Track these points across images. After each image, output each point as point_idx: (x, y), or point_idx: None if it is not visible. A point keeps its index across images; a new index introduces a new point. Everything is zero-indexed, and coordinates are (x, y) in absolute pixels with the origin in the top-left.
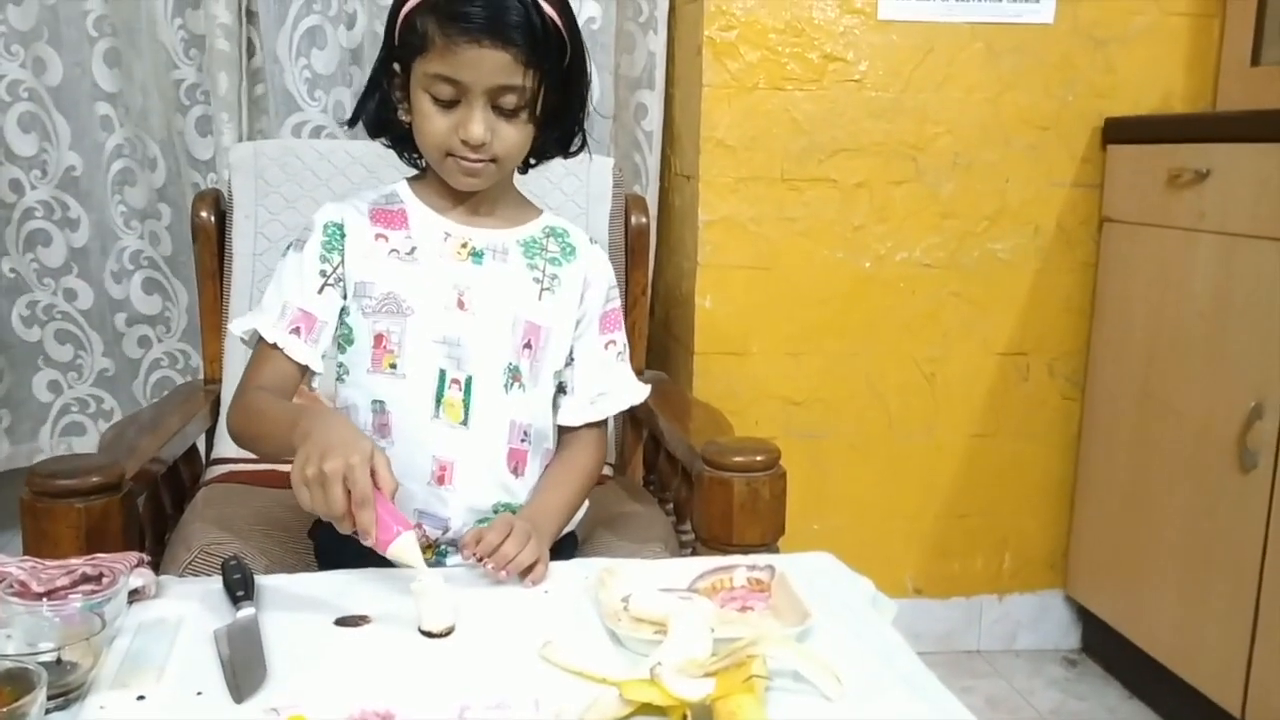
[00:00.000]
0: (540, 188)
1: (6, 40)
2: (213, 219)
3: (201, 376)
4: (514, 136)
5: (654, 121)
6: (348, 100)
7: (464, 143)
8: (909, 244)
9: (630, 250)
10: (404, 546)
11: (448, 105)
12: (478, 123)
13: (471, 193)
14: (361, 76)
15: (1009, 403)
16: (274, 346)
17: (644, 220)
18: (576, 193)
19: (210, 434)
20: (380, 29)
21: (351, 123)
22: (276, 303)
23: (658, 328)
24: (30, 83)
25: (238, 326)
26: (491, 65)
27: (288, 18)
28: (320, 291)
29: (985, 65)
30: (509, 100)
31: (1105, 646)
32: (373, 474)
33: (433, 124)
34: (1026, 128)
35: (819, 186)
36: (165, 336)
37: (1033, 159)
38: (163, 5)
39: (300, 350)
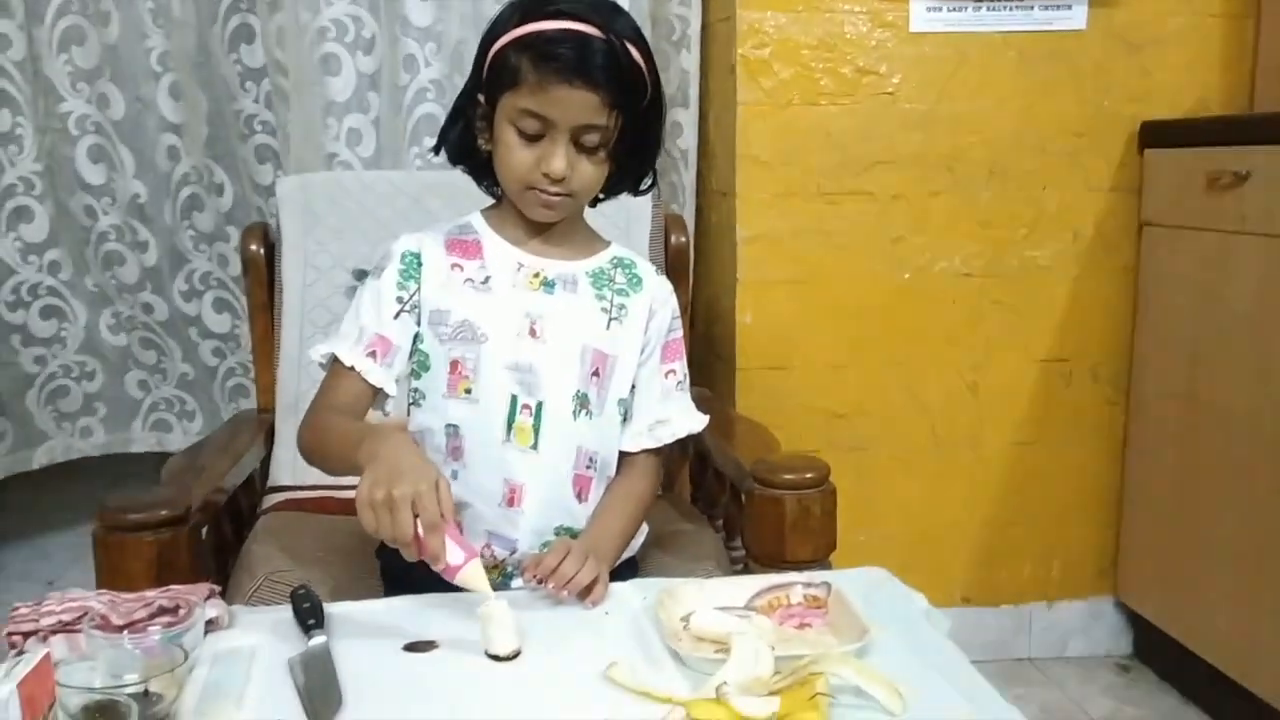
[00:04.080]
0: None
1: (73, 78)
2: (262, 251)
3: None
4: (592, 173)
5: (689, 140)
6: (363, 127)
7: (545, 176)
8: (948, 254)
9: (670, 269)
10: (472, 573)
11: (532, 139)
12: (560, 158)
13: (545, 225)
14: (379, 103)
15: (1052, 409)
16: (350, 369)
17: (683, 239)
18: (616, 214)
19: (266, 462)
20: (402, 54)
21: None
22: (354, 328)
23: (699, 344)
24: (96, 117)
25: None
26: (579, 104)
27: (304, 45)
28: (396, 317)
29: (1018, 73)
30: (591, 138)
31: (1158, 652)
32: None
33: (516, 156)
34: (1062, 134)
35: (856, 200)
36: (236, 351)
37: (1069, 165)
38: (219, 40)
39: (376, 373)
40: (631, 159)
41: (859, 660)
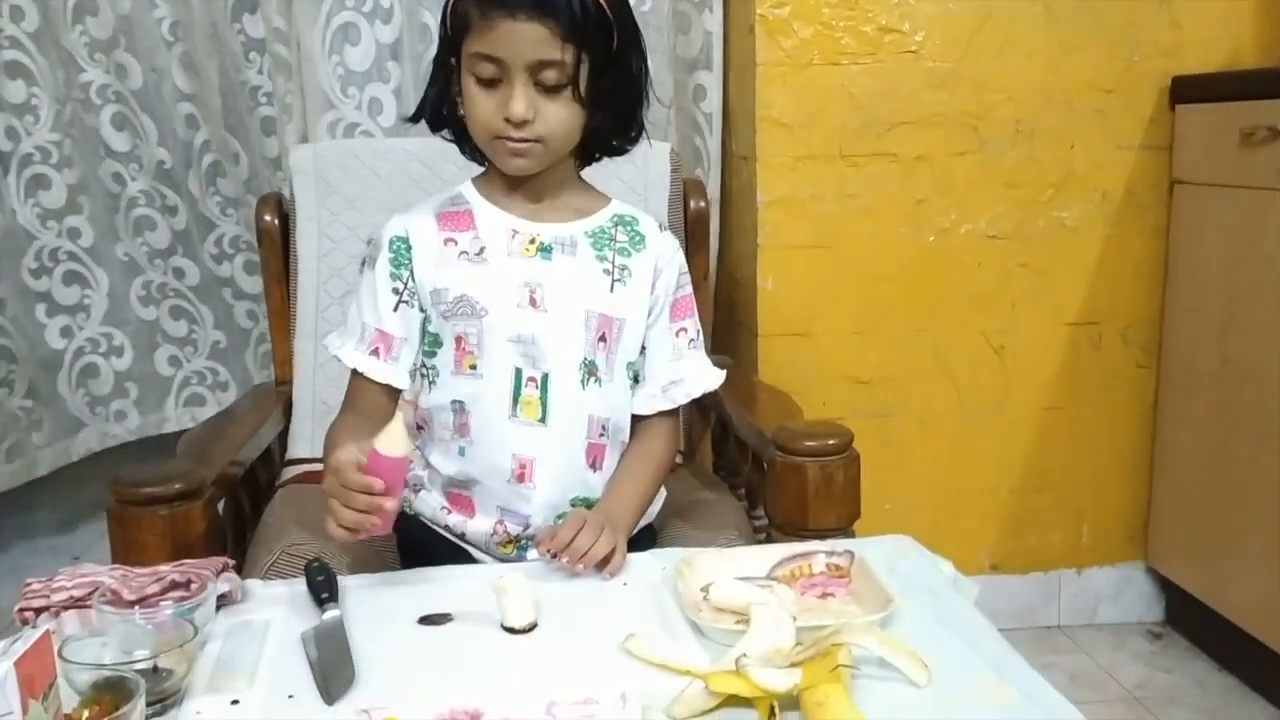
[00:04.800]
0: (596, 174)
1: (90, 49)
2: (276, 222)
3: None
4: (559, 114)
5: (714, 103)
6: (384, 96)
7: (508, 121)
8: (973, 216)
9: (690, 235)
10: (388, 437)
11: (490, 84)
12: (519, 99)
13: (536, 187)
14: (399, 72)
15: (1081, 373)
16: (356, 370)
17: (703, 204)
18: (634, 179)
19: (283, 436)
20: (418, 23)
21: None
22: (357, 325)
23: (720, 311)
24: (116, 86)
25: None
26: (529, 39)
27: (320, 14)
28: (395, 309)
29: (1045, 29)
30: (550, 76)
31: (1190, 618)
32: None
33: (478, 106)
34: (1090, 91)
35: (879, 161)
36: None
37: (1098, 123)
38: (224, 10)
39: (380, 370)
40: (609, 105)
41: (883, 630)
